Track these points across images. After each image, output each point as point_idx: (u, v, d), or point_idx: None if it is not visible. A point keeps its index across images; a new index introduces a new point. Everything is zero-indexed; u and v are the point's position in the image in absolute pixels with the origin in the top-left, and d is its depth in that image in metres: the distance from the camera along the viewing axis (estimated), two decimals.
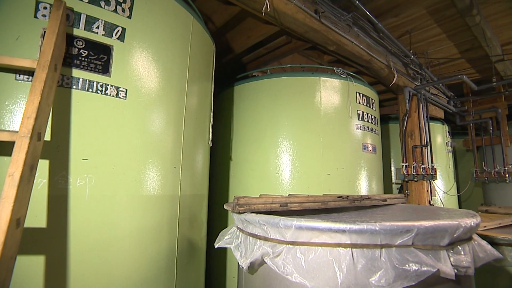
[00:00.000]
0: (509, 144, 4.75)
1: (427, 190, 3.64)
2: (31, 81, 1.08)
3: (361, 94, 2.94)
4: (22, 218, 0.98)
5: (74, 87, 1.30)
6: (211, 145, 2.18)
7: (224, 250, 2.72)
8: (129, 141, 1.44)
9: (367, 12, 2.61)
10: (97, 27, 1.38)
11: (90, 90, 1.33)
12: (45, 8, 1.28)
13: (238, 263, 1.27)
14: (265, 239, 1.11)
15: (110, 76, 1.39)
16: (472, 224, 1.06)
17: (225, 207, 1.42)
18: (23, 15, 1.25)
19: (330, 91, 2.74)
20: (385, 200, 1.86)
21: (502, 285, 1.80)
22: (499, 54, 3.91)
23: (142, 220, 1.45)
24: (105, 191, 1.33)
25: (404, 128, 3.78)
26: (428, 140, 3.69)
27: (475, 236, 1.18)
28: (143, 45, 1.53)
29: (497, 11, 3.25)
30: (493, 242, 1.75)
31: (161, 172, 1.57)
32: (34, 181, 1.08)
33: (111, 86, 1.39)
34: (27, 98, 1.04)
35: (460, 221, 1.02)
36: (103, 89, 1.37)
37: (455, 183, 4.87)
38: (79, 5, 1.35)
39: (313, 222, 1.00)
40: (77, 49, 1.32)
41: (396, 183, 4.37)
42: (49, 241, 1.17)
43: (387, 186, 4.33)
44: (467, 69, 4.62)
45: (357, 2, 2.49)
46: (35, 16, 1.27)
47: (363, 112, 2.92)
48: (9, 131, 1.03)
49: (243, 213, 1.23)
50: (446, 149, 4.79)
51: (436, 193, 4.14)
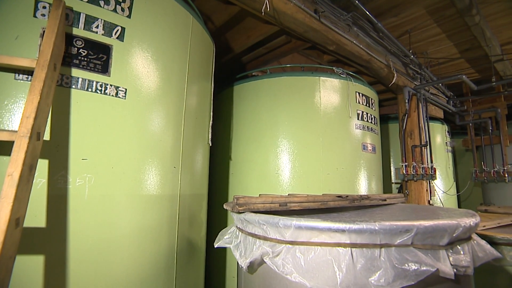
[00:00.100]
0: (508, 144, 4.76)
1: (427, 190, 3.64)
2: (31, 81, 1.08)
3: (361, 94, 2.94)
4: (22, 218, 0.98)
5: (74, 87, 1.29)
6: (211, 145, 2.18)
7: (224, 250, 2.72)
8: (129, 141, 1.43)
9: (367, 12, 2.61)
10: (97, 27, 1.38)
11: (90, 90, 1.33)
12: (44, 8, 1.28)
13: (238, 263, 1.27)
14: (265, 239, 1.11)
15: (110, 76, 1.39)
16: (471, 224, 1.06)
17: (225, 207, 1.42)
18: (22, 15, 1.25)
19: (330, 91, 2.74)
20: (385, 200, 1.86)
21: (501, 285, 1.80)
22: (499, 54, 3.91)
23: (142, 220, 1.45)
24: (105, 191, 1.33)
25: (404, 128, 3.79)
26: (428, 140, 3.69)
27: (475, 236, 1.18)
28: (143, 45, 1.53)
29: (497, 11, 3.25)
30: (492, 242, 1.75)
31: (161, 172, 1.57)
32: (34, 181, 1.07)
33: (111, 86, 1.39)
34: (26, 98, 1.04)
35: (460, 221, 1.02)
36: (103, 89, 1.37)
37: (455, 183, 4.88)
38: (79, 5, 1.34)
39: (313, 222, 1.00)
40: (77, 49, 1.32)
41: (396, 183, 4.38)
42: (49, 241, 1.17)
43: (387, 186, 4.33)
44: (467, 69, 4.62)
45: (357, 2, 2.48)
46: (34, 16, 1.26)
47: (363, 112, 2.92)
48: (8, 131, 1.03)
49: (243, 213, 1.23)
50: (446, 149, 4.79)
51: (436, 193, 4.15)
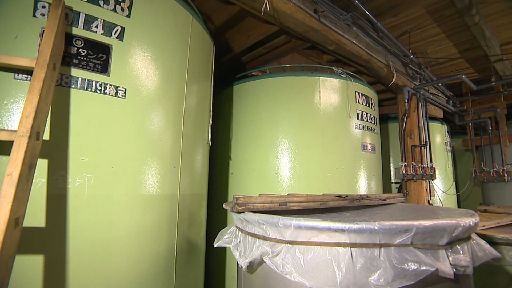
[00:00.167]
0: (508, 144, 4.76)
1: (426, 190, 3.64)
2: (30, 80, 1.08)
3: (361, 94, 2.94)
4: (21, 218, 0.98)
5: (73, 86, 1.29)
6: (211, 145, 2.18)
7: (223, 250, 2.72)
8: (128, 141, 1.43)
9: (367, 12, 2.61)
10: (96, 26, 1.38)
11: (89, 90, 1.33)
12: (44, 7, 1.28)
13: (237, 263, 1.27)
14: (264, 239, 1.11)
15: (109, 76, 1.39)
16: (471, 224, 1.06)
17: (224, 207, 1.42)
18: (22, 14, 1.25)
19: (330, 91, 2.74)
20: (384, 200, 1.86)
21: (501, 284, 1.81)
22: (498, 54, 3.91)
23: (141, 220, 1.45)
24: (104, 191, 1.33)
25: (403, 128, 3.79)
26: (427, 140, 3.69)
27: (474, 236, 1.18)
28: (142, 45, 1.53)
29: (496, 11, 3.25)
30: (492, 242, 1.75)
31: (160, 172, 1.56)
32: (33, 181, 1.07)
33: (110, 86, 1.39)
34: (26, 97, 1.03)
35: (459, 221, 1.02)
36: (102, 89, 1.36)
37: (454, 183, 4.88)
38: (78, 4, 1.34)
39: (312, 222, 1.00)
40: (76, 48, 1.32)
41: (395, 183, 4.38)
42: (48, 241, 1.17)
43: (386, 186, 4.34)
44: (466, 69, 4.63)
45: (357, 2, 2.48)
46: (34, 15, 1.26)
47: (363, 112, 2.92)
48: (8, 130, 1.03)
49: (242, 213, 1.23)
50: (445, 149, 4.80)
51: (435, 193, 4.15)
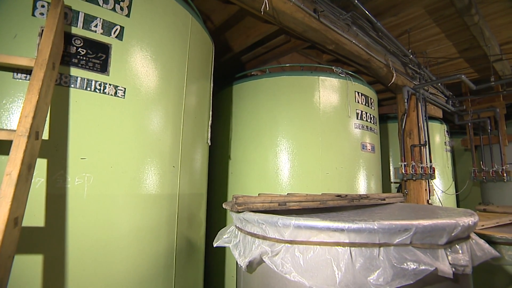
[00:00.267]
0: (507, 144, 4.77)
1: (426, 189, 3.65)
2: (29, 80, 1.08)
3: (360, 94, 2.94)
4: (20, 217, 0.98)
5: (72, 86, 1.29)
6: (210, 144, 2.18)
7: (223, 249, 2.72)
8: (128, 140, 1.43)
9: (366, 11, 2.61)
10: (96, 26, 1.37)
11: (89, 89, 1.33)
12: (43, 7, 1.27)
13: (237, 262, 1.27)
14: (264, 238, 1.11)
15: (109, 75, 1.39)
16: (470, 223, 1.07)
17: (224, 206, 1.42)
18: (21, 13, 1.25)
19: (329, 90, 2.74)
20: (384, 199, 1.86)
21: (500, 284, 1.81)
22: (498, 54, 3.92)
23: (141, 219, 1.45)
24: (104, 190, 1.32)
25: (403, 128, 3.79)
26: (427, 140, 3.70)
27: (473, 235, 1.18)
28: (142, 44, 1.53)
29: (496, 11, 3.25)
30: (491, 241, 1.76)
31: (160, 171, 1.56)
32: (32, 180, 1.07)
33: (110, 85, 1.39)
34: (25, 97, 1.03)
35: (458, 220, 1.02)
36: (102, 88, 1.36)
37: (454, 182, 4.89)
38: (77, 4, 1.34)
39: (312, 221, 1.00)
40: (75, 48, 1.32)
41: (395, 182, 4.38)
42: (47, 240, 1.17)
43: (386, 185, 4.34)
44: (466, 69, 4.63)
45: (356, 1, 2.48)
46: (33, 15, 1.26)
47: (362, 112, 2.92)
48: (7, 130, 1.03)
49: (242, 212, 1.23)
50: (445, 149, 4.81)
51: (435, 192, 4.15)
